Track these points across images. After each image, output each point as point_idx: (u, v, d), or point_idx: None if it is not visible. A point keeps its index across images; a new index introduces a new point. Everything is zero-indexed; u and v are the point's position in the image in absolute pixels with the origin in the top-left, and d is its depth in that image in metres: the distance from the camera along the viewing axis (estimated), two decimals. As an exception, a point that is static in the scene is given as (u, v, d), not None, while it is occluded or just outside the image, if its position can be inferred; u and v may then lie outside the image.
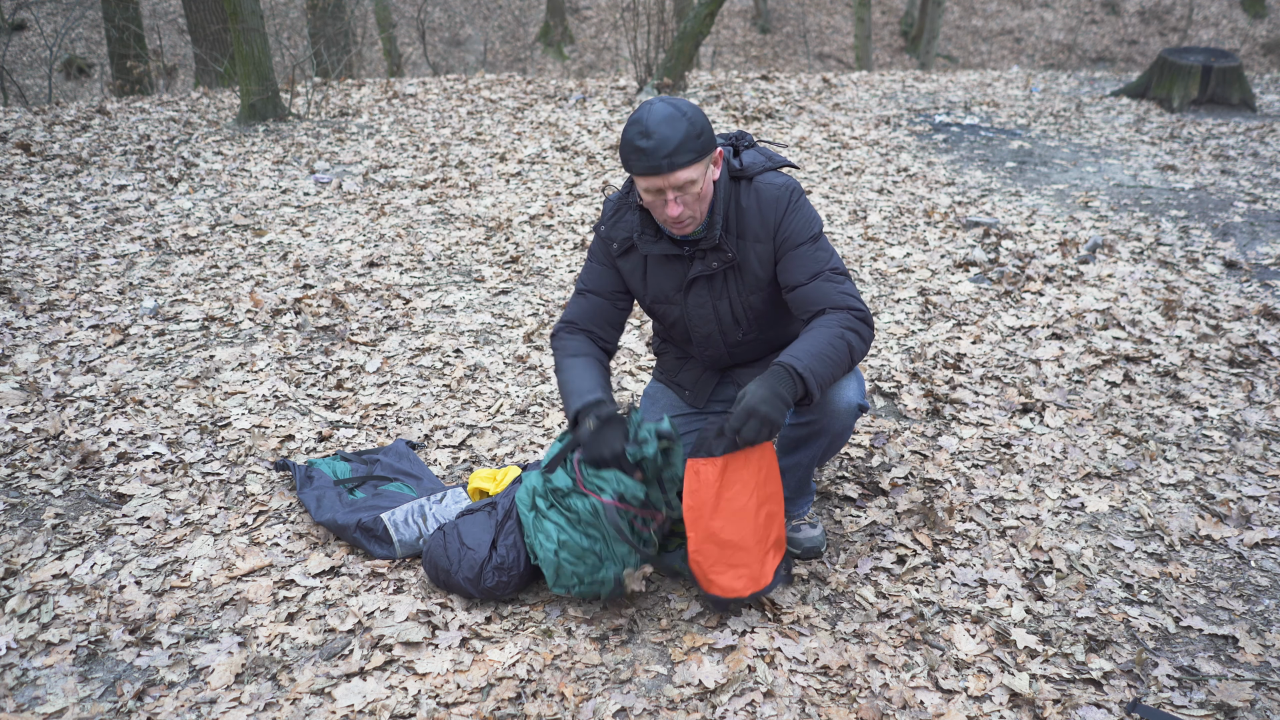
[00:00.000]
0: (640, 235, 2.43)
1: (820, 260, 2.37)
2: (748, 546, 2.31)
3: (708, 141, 2.24)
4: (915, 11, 19.40)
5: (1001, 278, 4.43)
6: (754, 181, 2.40)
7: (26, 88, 12.75)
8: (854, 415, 2.45)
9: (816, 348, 2.23)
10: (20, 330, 3.89)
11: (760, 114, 7.63)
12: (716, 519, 2.27)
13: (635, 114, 2.24)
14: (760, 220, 2.39)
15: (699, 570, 2.32)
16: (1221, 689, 2.18)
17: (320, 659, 2.27)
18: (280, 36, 14.89)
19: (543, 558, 2.35)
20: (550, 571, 2.35)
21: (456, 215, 5.30)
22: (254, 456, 3.09)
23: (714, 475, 2.24)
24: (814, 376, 2.19)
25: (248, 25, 7.12)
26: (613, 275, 2.55)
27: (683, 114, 2.20)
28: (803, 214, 2.39)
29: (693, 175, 2.22)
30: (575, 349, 2.51)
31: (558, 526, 2.33)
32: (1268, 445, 3.15)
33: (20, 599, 2.43)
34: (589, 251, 2.59)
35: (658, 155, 2.18)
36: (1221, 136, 7.08)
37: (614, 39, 18.35)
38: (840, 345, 2.26)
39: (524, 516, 2.39)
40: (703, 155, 2.23)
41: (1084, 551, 2.65)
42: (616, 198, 2.51)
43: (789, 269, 2.39)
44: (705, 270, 2.42)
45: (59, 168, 6.05)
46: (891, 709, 2.14)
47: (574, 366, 2.46)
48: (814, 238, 2.39)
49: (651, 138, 2.18)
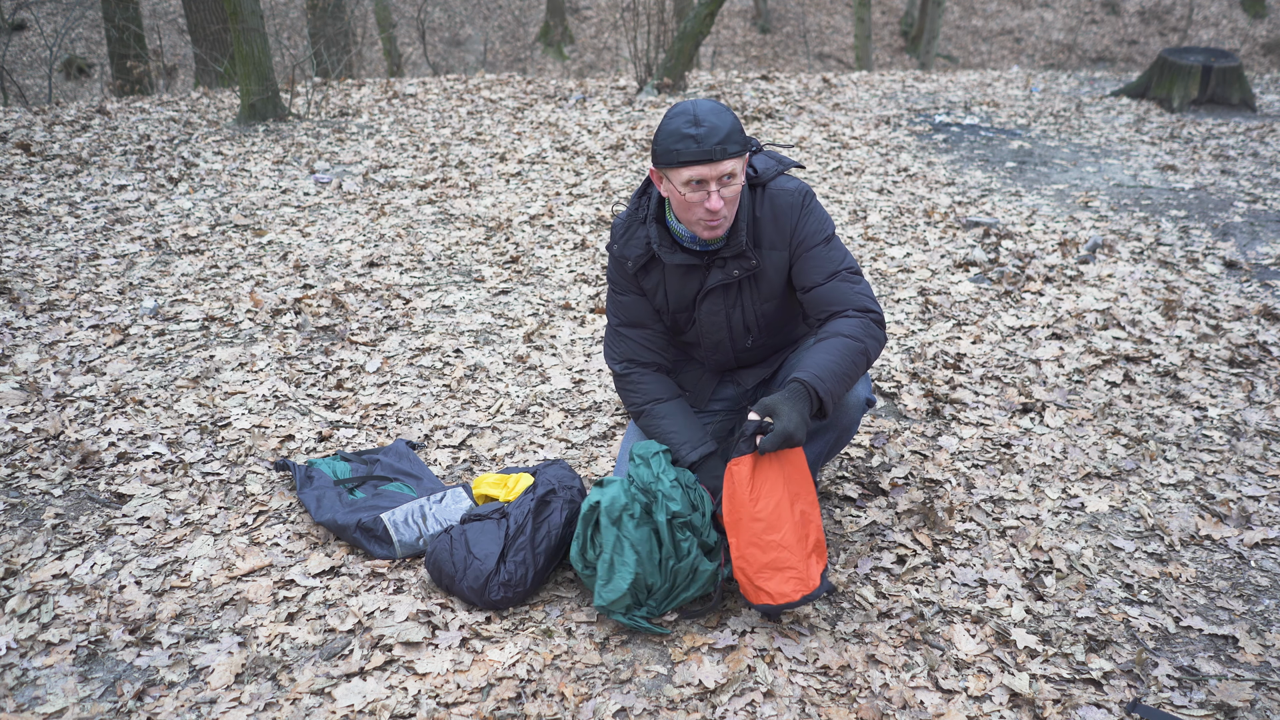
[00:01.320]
0: (659, 244, 2.42)
1: (835, 260, 2.39)
2: (789, 545, 2.26)
3: (745, 139, 2.27)
4: (915, 11, 19.40)
5: (1001, 278, 4.43)
6: (768, 189, 2.41)
7: (26, 88, 12.75)
8: (861, 410, 2.47)
9: (838, 366, 2.26)
10: (20, 330, 3.89)
11: (760, 114, 7.63)
12: (756, 516, 2.24)
13: (677, 108, 2.26)
14: (776, 228, 2.39)
15: (745, 579, 2.27)
16: (1221, 689, 2.18)
17: (320, 659, 2.27)
18: (280, 36, 14.89)
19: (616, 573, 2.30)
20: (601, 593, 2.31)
21: (456, 215, 5.30)
22: (254, 456, 3.09)
23: (746, 472, 2.25)
24: (832, 398, 2.25)
25: (248, 25, 7.12)
26: (641, 300, 2.55)
27: (726, 107, 2.25)
28: (816, 216, 2.41)
29: (737, 167, 2.24)
30: (658, 391, 2.54)
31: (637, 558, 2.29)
32: (1268, 445, 3.15)
33: (20, 599, 2.43)
34: (609, 281, 2.58)
35: (710, 141, 2.19)
36: (1221, 136, 7.08)
37: (614, 39, 18.36)
38: (860, 360, 2.30)
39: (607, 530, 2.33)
40: (745, 149, 2.26)
41: (1084, 551, 2.65)
42: (624, 217, 2.50)
43: (804, 270, 2.40)
44: (724, 279, 2.43)
45: (59, 168, 6.05)
46: (891, 709, 2.14)
47: (672, 414, 2.51)
48: (827, 239, 2.41)
49: (702, 125, 2.19)
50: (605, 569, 2.29)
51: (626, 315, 2.56)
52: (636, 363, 2.56)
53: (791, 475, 2.31)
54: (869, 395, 2.48)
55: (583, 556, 2.37)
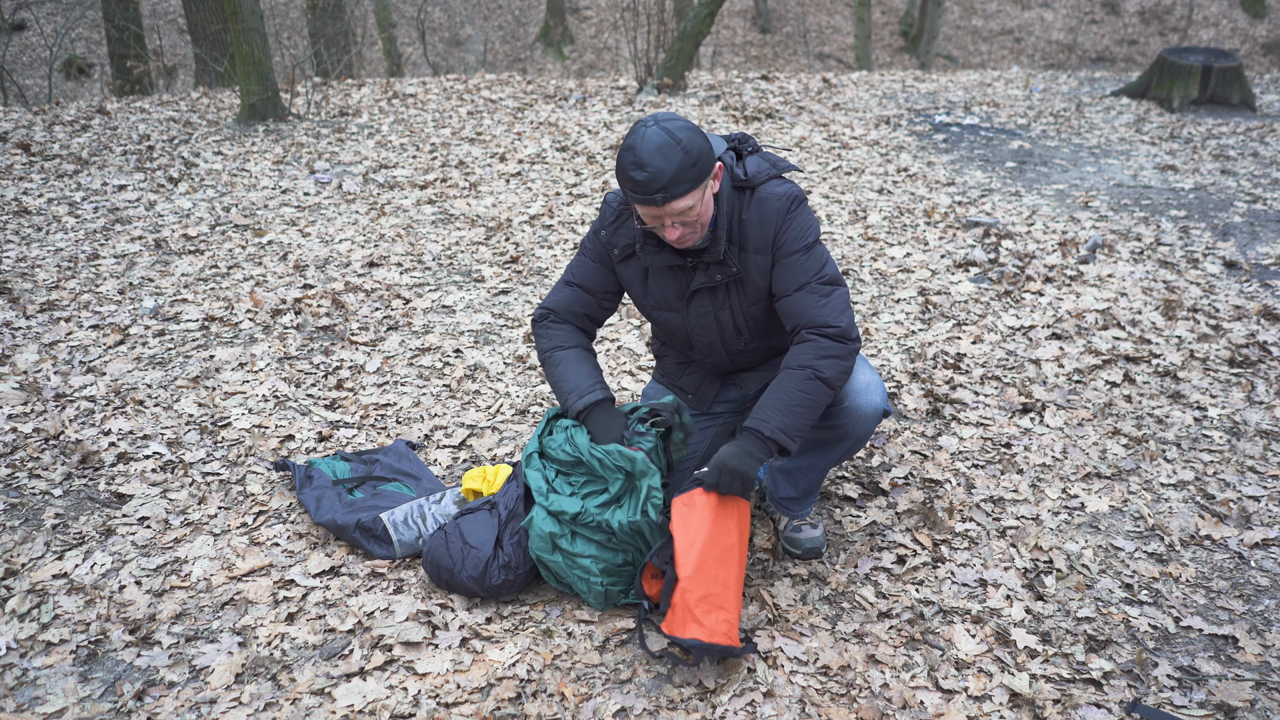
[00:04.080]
0: (642, 247, 2.41)
1: (809, 270, 2.34)
2: (731, 588, 2.21)
3: (704, 167, 2.19)
4: (915, 11, 19.40)
5: (1001, 278, 4.43)
6: (757, 191, 2.36)
7: (26, 88, 12.75)
8: (877, 420, 2.46)
9: (785, 402, 2.25)
10: (20, 330, 3.89)
11: (760, 114, 7.63)
12: (710, 546, 2.19)
13: (629, 138, 2.18)
14: (761, 232, 2.36)
15: (683, 609, 2.16)
16: (1221, 689, 2.18)
17: (320, 659, 2.27)
18: (280, 36, 14.89)
19: (590, 589, 2.36)
20: (599, 600, 2.37)
21: (456, 215, 5.30)
22: (254, 456, 3.09)
23: (707, 503, 2.23)
24: (785, 434, 2.24)
25: (248, 25, 7.12)
26: (607, 276, 2.54)
27: (677, 142, 2.14)
28: (799, 222, 2.35)
29: (690, 202, 2.19)
30: (563, 339, 2.54)
31: (594, 558, 2.34)
32: (1268, 445, 3.15)
33: (20, 599, 2.43)
34: (583, 246, 2.56)
35: (652, 188, 2.13)
36: (1221, 136, 7.08)
37: (614, 39, 18.36)
38: (811, 387, 2.26)
39: (550, 561, 2.36)
40: (699, 182, 2.18)
41: (1084, 551, 2.65)
42: (616, 201, 2.48)
43: (778, 278, 2.38)
44: (708, 282, 2.41)
45: (59, 168, 6.05)
46: (891, 709, 2.14)
47: (567, 360, 2.50)
48: (806, 247, 2.35)
49: (646, 169, 2.13)
50: (586, 589, 2.37)
51: (581, 276, 2.55)
52: (557, 314, 2.56)
53: (742, 530, 2.29)
54: (886, 405, 2.47)
55: (560, 581, 2.44)
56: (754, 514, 2.81)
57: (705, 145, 2.20)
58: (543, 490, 2.39)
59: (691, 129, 2.19)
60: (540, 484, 2.40)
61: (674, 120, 2.19)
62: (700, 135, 2.20)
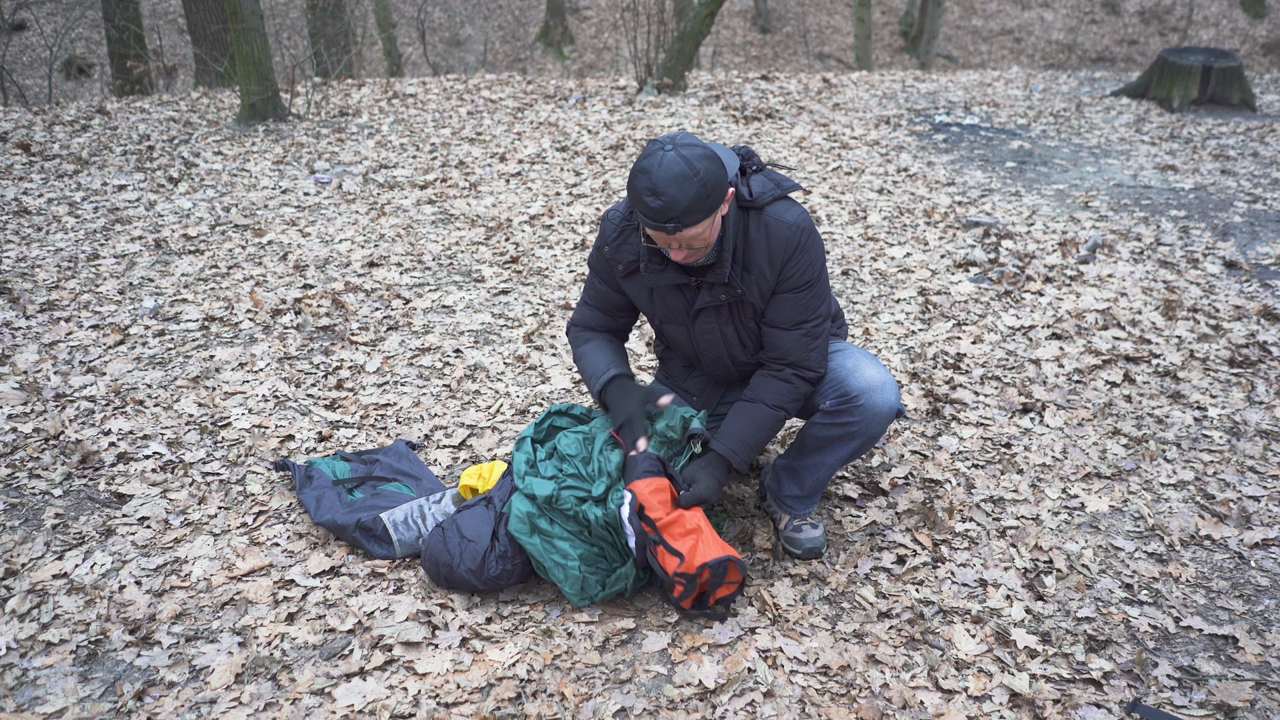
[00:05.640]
0: (646, 265, 2.41)
1: (808, 309, 2.41)
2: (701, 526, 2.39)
3: (718, 198, 2.17)
4: (915, 11, 19.40)
5: (1001, 278, 4.43)
6: (764, 212, 2.34)
7: (26, 88, 12.75)
8: (891, 419, 2.48)
9: (754, 438, 2.46)
10: (20, 330, 3.89)
11: (760, 114, 7.63)
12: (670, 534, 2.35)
13: (646, 160, 2.14)
14: (768, 257, 2.35)
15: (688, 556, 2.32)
16: (1221, 689, 2.18)
17: (320, 659, 2.27)
18: (280, 36, 14.89)
19: (567, 576, 2.36)
20: (575, 588, 2.37)
21: (456, 215, 5.30)
22: (254, 456, 3.09)
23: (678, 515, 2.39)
24: (744, 464, 2.48)
25: (248, 25, 7.12)
26: (615, 296, 2.60)
27: (695, 173, 2.11)
28: (808, 258, 2.36)
29: (700, 230, 2.18)
30: (589, 337, 2.67)
31: (571, 542, 2.36)
32: (1268, 445, 3.15)
33: (20, 599, 2.43)
34: (591, 265, 2.59)
35: (664, 217, 2.13)
36: (1221, 136, 7.08)
37: (614, 39, 18.36)
38: (777, 424, 2.49)
39: (529, 544, 2.39)
40: (711, 212, 2.17)
41: (1084, 551, 2.65)
42: (619, 218, 2.46)
43: (777, 308, 2.42)
44: (712, 301, 2.42)
45: (59, 168, 6.05)
46: (891, 709, 2.14)
47: (588, 351, 2.63)
48: (809, 283, 2.38)
49: (660, 197, 2.11)
50: (563, 576, 2.39)
51: (593, 298, 2.65)
52: (587, 327, 2.69)
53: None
54: (900, 405, 2.49)
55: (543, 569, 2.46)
56: (754, 514, 2.81)
57: (721, 174, 2.17)
58: (520, 472, 2.47)
59: (709, 156, 2.15)
60: (521, 466, 2.48)
61: (691, 146, 2.15)
62: (716, 163, 2.16)
